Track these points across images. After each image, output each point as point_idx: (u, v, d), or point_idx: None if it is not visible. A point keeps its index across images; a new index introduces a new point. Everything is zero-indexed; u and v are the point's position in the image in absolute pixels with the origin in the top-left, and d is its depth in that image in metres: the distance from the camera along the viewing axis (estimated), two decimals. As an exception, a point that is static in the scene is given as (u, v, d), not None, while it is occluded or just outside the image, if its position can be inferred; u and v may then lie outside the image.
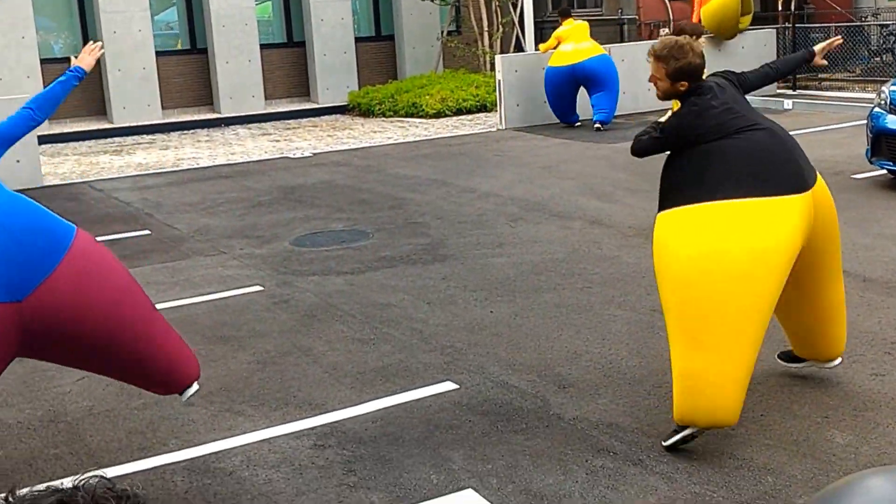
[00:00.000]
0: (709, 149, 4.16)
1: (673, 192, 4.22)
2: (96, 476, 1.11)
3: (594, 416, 4.58)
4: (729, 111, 4.21)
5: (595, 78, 12.98)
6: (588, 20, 14.14)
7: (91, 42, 4.53)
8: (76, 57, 4.40)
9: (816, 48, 4.87)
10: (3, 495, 1.09)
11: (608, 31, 20.13)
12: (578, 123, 13.53)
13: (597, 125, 13.09)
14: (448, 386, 5.02)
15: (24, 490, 1.08)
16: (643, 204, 8.63)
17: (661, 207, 4.27)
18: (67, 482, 1.13)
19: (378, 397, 4.92)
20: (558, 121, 13.64)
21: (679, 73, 4.28)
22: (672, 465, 4.05)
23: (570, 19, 13.16)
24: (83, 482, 1.10)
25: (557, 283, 6.56)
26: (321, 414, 4.77)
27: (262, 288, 6.86)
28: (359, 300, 6.49)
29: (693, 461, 4.10)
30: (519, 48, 17.29)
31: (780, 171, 4.11)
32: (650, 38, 17.93)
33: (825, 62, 5.00)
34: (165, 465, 4.32)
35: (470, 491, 2.59)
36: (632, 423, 4.49)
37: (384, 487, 4.04)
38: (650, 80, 4.41)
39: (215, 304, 6.54)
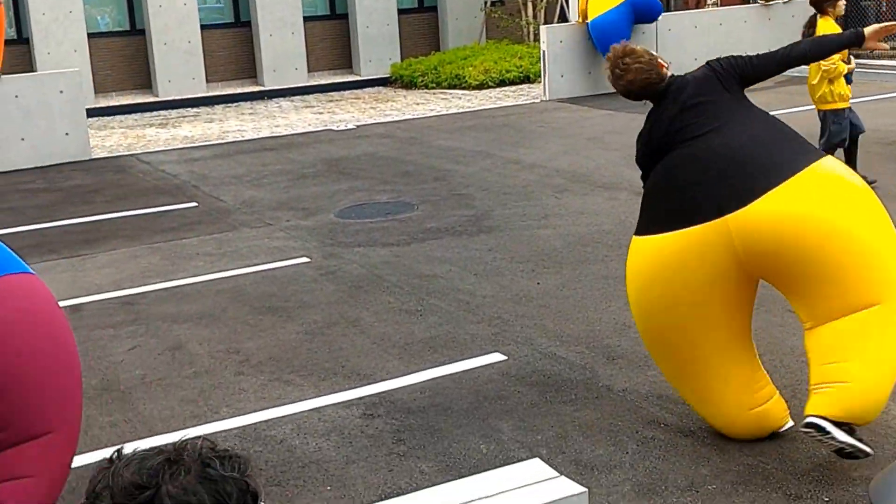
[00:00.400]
0: (655, 170, 3.95)
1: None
2: (199, 437, 1.12)
3: (644, 388, 4.55)
4: (676, 120, 3.84)
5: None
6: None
7: None
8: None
9: (868, 30, 4.06)
10: (109, 455, 1.10)
11: None
12: None
13: None
14: (496, 357, 5.01)
15: (130, 450, 1.09)
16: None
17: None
18: (170, 443, 1.14)
19: (426, 368, 4.93)
20: (603, 91, 13.52)
21: (626, 93, 4.03)
22: (724, 437, 4.01)
23: None
24: (187, 443, 1.11)
25: (605, 254, 6.51)
26: (370, 384, 4.79)
27: (308, 259, 6.88)
28: (405, 271, 6.49)
29: (745, 433, 4.06)
30: (563, 18, 17.12)
31: (700, 193, 3.67)
32: (697, 7, 17.65)
33: (884, 45, 4.32)
34: (217, 432, 4.36)
35: (537, 460, 2.59)
36: (682, 394, 4.45)
37: (433, 457, 4.05)
38: None
39: (263, 276, 6.58)
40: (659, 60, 3.99)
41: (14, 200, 9.35)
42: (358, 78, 17.51)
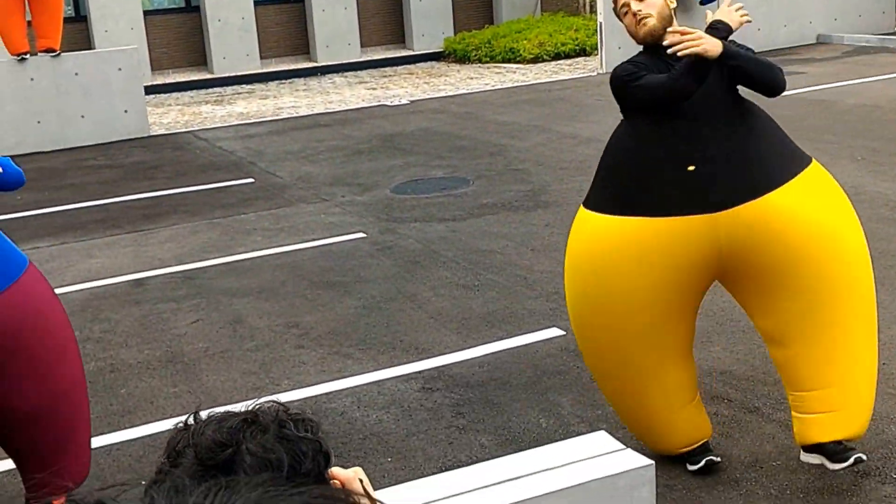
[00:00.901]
0: (626, 132, 3.49)
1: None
2: (271, 401, 1.15)
3: (707, 364, 4.51)
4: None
5: None
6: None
7: None
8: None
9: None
10: (184, 418, 1.13)
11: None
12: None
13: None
14: (554, 332, 5.00)
15: (205, 413, 1.12)
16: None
17: None
18: (242, 406, 1.16)
19: (484, 343, 4.94)
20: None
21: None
22: (789, 414, 3.96)
23: None
24: (260, 406, 1.13)
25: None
26: (428, 358, 4.81)
27: (364, 235, 6.92)
28: (461, 247, 6.49)
29: (809, 410, 4.00)
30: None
31: (690, 181, 3.26)
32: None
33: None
34: (279, 405, 4.41)
35: (602, 433, 2.58)
36: (746, 371, 4.41)
37: (493, 430, 4.06)
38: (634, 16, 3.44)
39: (320, 251, 6.63)
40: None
41: (77, 177, 9.51)
42: (411, 53, 17.49)
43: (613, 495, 2.37)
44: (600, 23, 13.48)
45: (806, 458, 3.49)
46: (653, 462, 2.43)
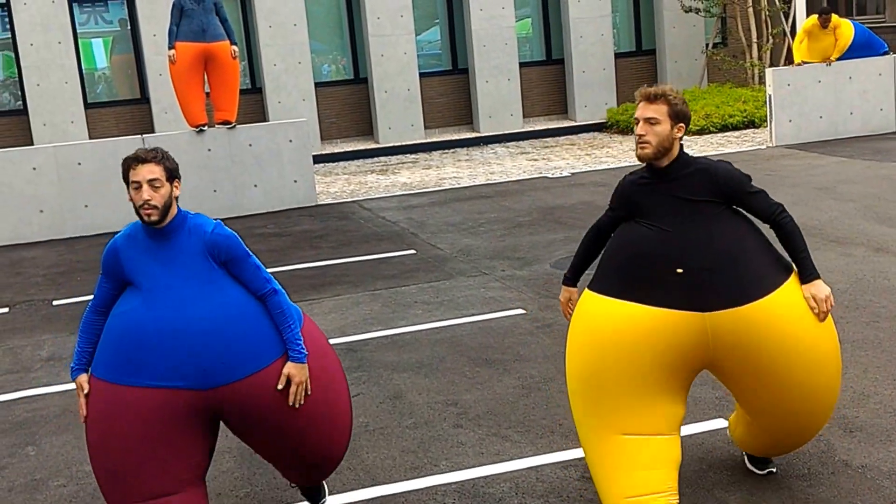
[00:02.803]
0: (631, 227, 3.91)
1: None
2: None
3: (885, 465, 4.22)
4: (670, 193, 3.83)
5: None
6: (870, 27, 13.36)
7: None
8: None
9: None
10: None
11: (890, 39, 18.79)
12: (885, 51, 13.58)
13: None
14: (721, 423, 4.79)
15: None
16: (934, 229, 7.93)
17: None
18: None
19: (647, 430, 4.77)
20: (836, 137, 12.87)
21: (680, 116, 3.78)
22: None
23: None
24: None
25: (840, 315, 6.12)
26: (588, 444, 4.68)
27: (524, 311, 6.87)
28: (623, 326, 6.35)
29: None
30: (790, 60, 16.49)
31: (684, 279, 3.64)
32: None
33: None
34: (437, 486, 4.38)
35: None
36: (932, 476, 4.10)
37: (656, 528, 3.89)
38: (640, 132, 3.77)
39: (479, 326, 6.62)
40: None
41: (249, 244, 9.80)
42: (573, 123, 17.51)
43: None
44: (769, 94, 13.13)
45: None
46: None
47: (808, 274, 3.76)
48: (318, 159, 15.13)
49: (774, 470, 4.26)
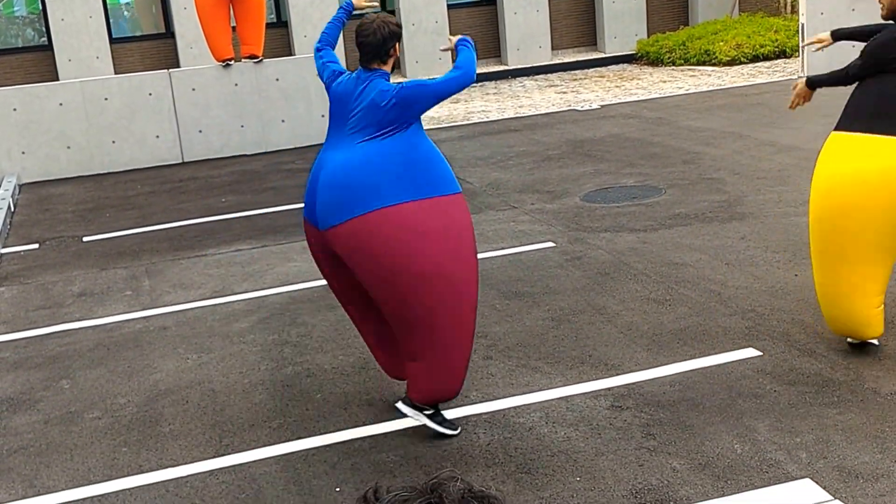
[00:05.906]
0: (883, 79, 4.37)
1: (852, 116, 4.44)
2: (454, 477, 1.11)
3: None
4: None
5: None
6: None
7: None
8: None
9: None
10: (364, 492, 1.11)
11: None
12: None
13: None
14: (750, 352, 4.82)
15: (386, 493, 1.09)
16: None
17: (839, 127, 4.50)
18: (422, 483, 1.13)
19: (676, 361, 4.82)
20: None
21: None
22: None
23: None
24: (442, 483, 1.09)
25: None
26: (617, 375, 4.73)
27: (553, 244, 6.88)
28: (652, 259, 6.36)
29: None
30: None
31: None
32: None
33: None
34: (468, 416, 4.45)
35: (808, 481, 2.45)
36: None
37: (685, 454, 3.95)
38: None
39: (509, 260, 6.64)
40: None
41: (276, 180, 9.93)
42: (602, 55, 17.30)
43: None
44: (802, 23, 12.90)
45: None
46: (864, 511, 2.30)
47: None
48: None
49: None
